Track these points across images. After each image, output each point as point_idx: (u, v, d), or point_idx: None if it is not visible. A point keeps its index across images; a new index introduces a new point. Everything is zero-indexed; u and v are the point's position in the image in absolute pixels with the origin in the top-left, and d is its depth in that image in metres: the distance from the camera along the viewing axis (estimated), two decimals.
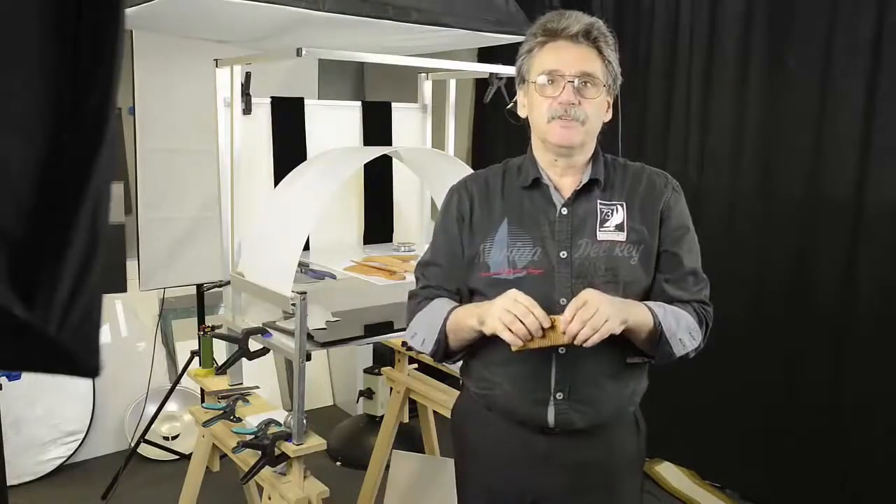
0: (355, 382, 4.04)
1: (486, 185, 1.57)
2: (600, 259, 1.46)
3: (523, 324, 1.33)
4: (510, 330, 1.33)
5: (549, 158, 1.51)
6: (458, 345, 1.53)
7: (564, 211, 1.49)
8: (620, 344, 1.43)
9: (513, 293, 1.37)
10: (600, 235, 1.47)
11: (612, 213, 1.49)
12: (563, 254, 1.46)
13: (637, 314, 1.41)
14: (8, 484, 2.66)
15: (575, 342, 1.33)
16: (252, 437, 1.98)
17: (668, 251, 1.50)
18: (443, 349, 1.53)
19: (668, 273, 1.50)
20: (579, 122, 1.44)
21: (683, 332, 1.45)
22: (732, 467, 3.24)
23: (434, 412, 2.76)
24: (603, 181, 1.51)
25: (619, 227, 1.48)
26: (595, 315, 1.31)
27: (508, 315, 1.34)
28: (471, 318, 1.44)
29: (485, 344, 1.50)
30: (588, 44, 1.44)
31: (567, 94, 1.42)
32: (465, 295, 1.58)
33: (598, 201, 1.50)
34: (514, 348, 1.35)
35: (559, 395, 1.47)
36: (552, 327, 1.34)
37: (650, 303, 1.46)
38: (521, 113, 1.55)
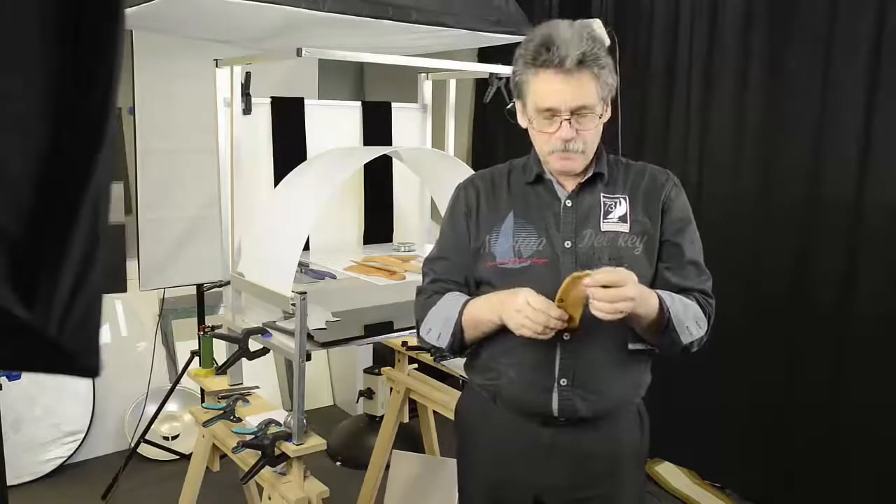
0: (355, 382, 4.04)
1: (492, 181, 1.61)
2: (604, 249, 1.49)
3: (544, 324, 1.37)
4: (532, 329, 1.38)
5: None
6: (474, 337, 1.54)
7: (569, 203, 1.52)
8: (624, 332, 1.46)
9: (524, 297, 1.38)
10: (604, 227, 1.50)
11: (615, 206, 1.52)
12: (568, 244, 1.49)
13: (646, 301, 1.42)
14: (8, 484, 2.66)
15: (591, 310, 1.35)
16: (252, 437, 1.98)
17: (670, 241, 1.53)
18: (458, 343, 1.55)
19: (669, 262, 1.53)
20: (579, 152, 1.46)
21: (691, 320, 1.47)
22: (732, 467, 3.24)
23: (434, 412, 2.76)
24: (606, 176, 1.54)
25: (622, 219, 1.51)
26: (623, 303, 1.33)
27: (529, 322, 1.37)
28: (490, 314, 1.47)
29: (490, 336, 1.52)
30: (582, 70, 1.41)
31: (564, 131, 1.44)
32: (472, 286, 1.59)
33: (602, 194, 1.53)
34: None
35: (563, 382, 1.49)
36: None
37: (658, 290, 1.47)
38: (522, 122, 1.55)
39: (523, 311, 1.37)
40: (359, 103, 2.75)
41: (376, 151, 2.31)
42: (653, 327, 1.45)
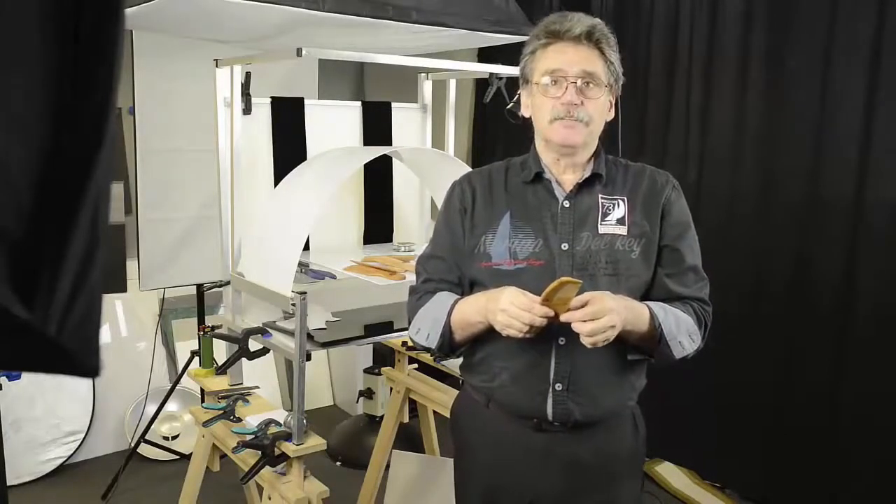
0: (355, 382, 4.04)
1: (489, 179, 1.59)
2: (601, 252, 1.47)
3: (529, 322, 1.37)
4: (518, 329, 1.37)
5: (552, 157, 1.53)
6: (464, 338, 1.53)
7: (566, 204, 1.51)
8: (620, 340, 1.44)
9: (507, 297, 1.38)
10: (602, 229, 1.49)
11: (613, 208, 1.51)
12: (565, 246, 1.48)
13: (636, 317, 1.42)
14: (8, 484, 2.66)
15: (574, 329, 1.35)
16: (252, 437, 1.98)
17: (669, 246, 1.52)
18: (448, 343, 1.53)
19: (669, 268, 1.51)
20: (582, 122, 1.45)
21: (683, 335, 1.47)
22: (732, 467, 3.24)
23: (434, 412, 2.76)
24: (605, 177, 1.53)
25: (620, 221, 1.50)
26: (604, 333, 1.33)
27: (514, 322, 1.36)
28: (477, 315, 1.46)
29: (485, 337, 1.51)
30: (590, 45, 1.45)
31: (570, 94, 1.44)
32: (466, 286, 1.58)
33: (600, 195, 1.52)
34: None
35: (558, 386, 1.48)
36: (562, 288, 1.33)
37: (652, 303, 1.47)
38: (525, 113, 1.56)
39: (507, 310, 1.36)
40: (359, 103, 2.75)
41: (376, 151, 2.31)
42: (645, 340, 1.45)
